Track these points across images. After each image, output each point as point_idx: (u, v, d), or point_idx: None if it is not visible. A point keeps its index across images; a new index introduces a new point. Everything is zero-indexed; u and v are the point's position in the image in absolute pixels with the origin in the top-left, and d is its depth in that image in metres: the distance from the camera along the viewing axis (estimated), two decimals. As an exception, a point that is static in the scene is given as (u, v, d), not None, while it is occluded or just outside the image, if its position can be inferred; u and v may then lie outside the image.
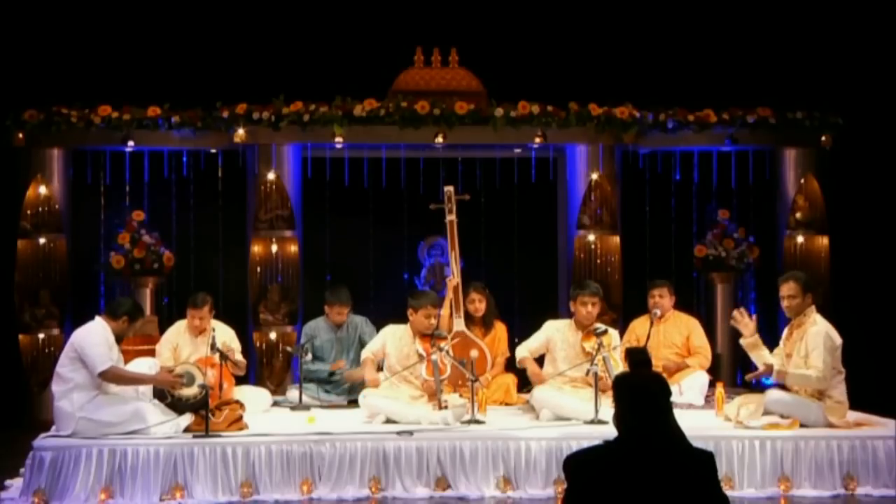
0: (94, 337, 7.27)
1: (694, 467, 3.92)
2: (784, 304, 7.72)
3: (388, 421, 7.76)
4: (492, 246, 11.21)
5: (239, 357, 8.78)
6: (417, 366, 8.06)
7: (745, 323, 7.73)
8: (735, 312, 7.85)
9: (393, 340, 8.25)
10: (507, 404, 8.89)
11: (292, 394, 9.14)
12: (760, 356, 7.68)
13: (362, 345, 8.89)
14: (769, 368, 7.64)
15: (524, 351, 8.48)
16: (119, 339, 7.48)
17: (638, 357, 6.98)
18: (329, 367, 9.24)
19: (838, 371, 7.57)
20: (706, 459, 3.96)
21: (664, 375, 4.21)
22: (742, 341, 7.77)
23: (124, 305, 7.52)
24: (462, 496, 7.16)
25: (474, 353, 8.00)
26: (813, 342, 7.49)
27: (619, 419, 4.05)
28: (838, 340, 7.54)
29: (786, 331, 7.81)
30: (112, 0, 10.90)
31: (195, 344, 8.61)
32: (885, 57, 11.07)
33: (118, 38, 10.83)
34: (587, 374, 7.94)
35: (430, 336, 8.07)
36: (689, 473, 3.90)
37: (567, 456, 4.06)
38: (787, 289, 7.66)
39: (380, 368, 8.42)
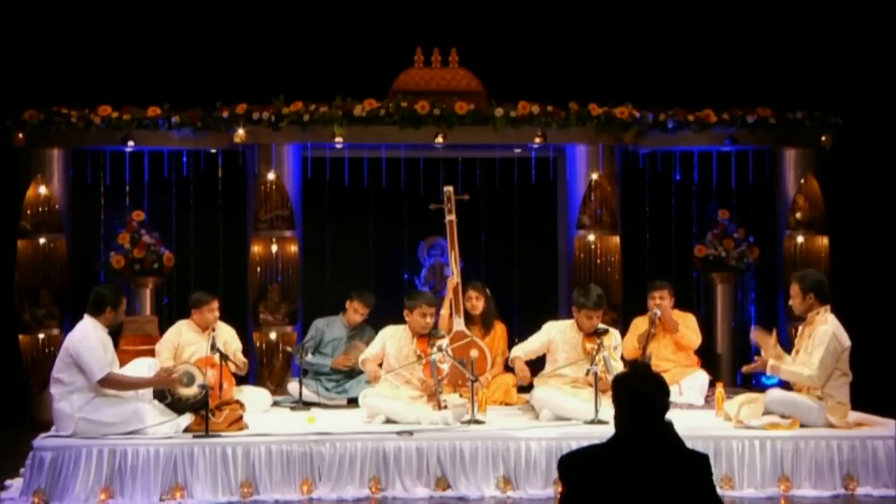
0: (89, 341, 7.20)
1: (689, 469, 3.92)
2: (789, 302, 7.82)
3: (388, 421, 7.76)
4: (492, 246, 11.21)
5: (240, 356, 8.79)
6: (416, 366, 8.06)
7: (765, 341, 7.74)
8: (753, 333, 7.86)
9: (392, 341, 8.25)
10: (507, 404, 8.89)
11: (293, 387, 9.15)
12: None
13: None
14: (764, 363, 7.67)
15: (518, 351, 8.46)
16: (115, 329, 7.44)
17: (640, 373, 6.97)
18: (330, 364, 9.24)
19: (843, 373, 7.55)
20: (702, 462, 3.96)
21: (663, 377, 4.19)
22: (769, 361, 7.72)
23: (102, 297, 7.39)
24: (462, 496, 7.16)
25: (474, 353, 8.01)
26: (818, 340, 7.50)
27: (616, 419, 4.05)
28: (846, 343, 7.53)
29: (800, 328, 7.83)
30: (112, 0, 10.90)
31: (199, 342, 8.59)
32: (885, 57, 11.07)
33: (118, 38, 10.83)
34: (587, 374, 7.94)
35: (427, 336, 8.08)
36: (683, 475, 3.90)
37: (561, 456, 4.06)
38: (791, 289, 7.77)
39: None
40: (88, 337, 7.24)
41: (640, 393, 4.00)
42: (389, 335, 8.31)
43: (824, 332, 7.51)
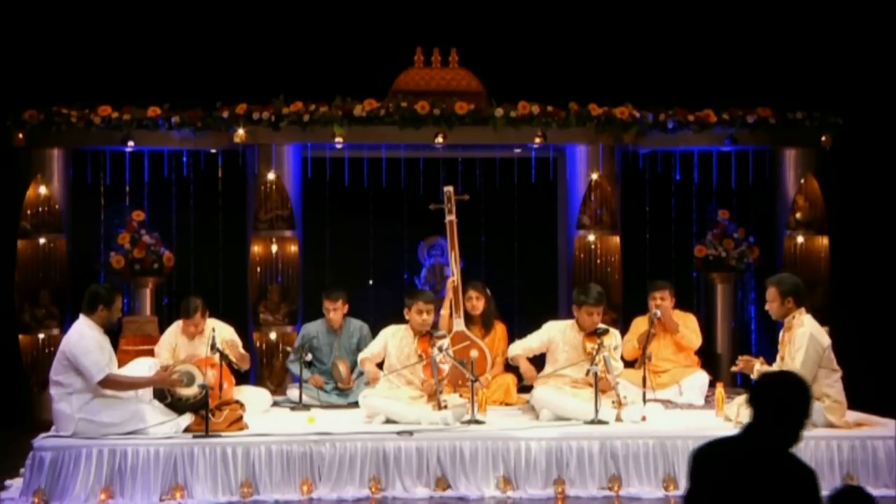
0: (86, 343, 7.17)
1: (798, 481, 3.93)
2: (766, 307, 7.81)
3: (388, 421, 7.75)
4: (492, 246, 11.21)
5: (241, 351, 8.77)
6: (417, 366, 8.06)
7: (749, 366, 7.74)
8: (738, 361, 7.87)
9: (394, 341, 8.25)
10: (507, 404, 8.88)
11: (292, 393, 9.13)
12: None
13: (359, 350, 8.86)
14: (751, 367, 7.67)
15: (518, 349, 8.47)
16: (115, 329, 7.41)
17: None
18: (308, 380, 9.14)
19: (832, 370, 7.57)
20: (813, 478, 3.97)
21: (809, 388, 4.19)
22: (756, 366, 7.72)
23: (96, 295, 7.34)
24: (462, 496, 7.16)
25: (474, 353, 8.00)
26: (797, 343, 7.51)
27: (752, 415, 4.07)
28: (825, 342, 7.55)
29: (780, 335, 7.83)
30: (112, 0, 10.90)
31: (192, 346, 8.60)
32: (885, 57, 11.07)
33: (118, 38, 10.82)
34: (587, 374, 7.93)
35: (428, 335, 8.08)
36: (794, 486, 3.91)
37: (695, 448, 4.12)
38: (767, 293, 7.77)
39: (379, 367, 8.43)
40: (84, 339, 7.20)
41: (777, 397, 4.01)
42: (391, 335, 8.31)
43: (802, 334, 7.51)
